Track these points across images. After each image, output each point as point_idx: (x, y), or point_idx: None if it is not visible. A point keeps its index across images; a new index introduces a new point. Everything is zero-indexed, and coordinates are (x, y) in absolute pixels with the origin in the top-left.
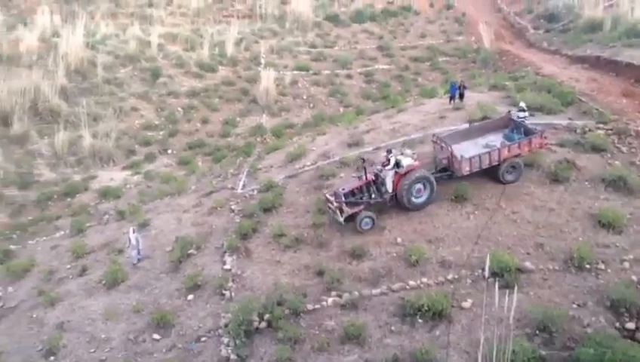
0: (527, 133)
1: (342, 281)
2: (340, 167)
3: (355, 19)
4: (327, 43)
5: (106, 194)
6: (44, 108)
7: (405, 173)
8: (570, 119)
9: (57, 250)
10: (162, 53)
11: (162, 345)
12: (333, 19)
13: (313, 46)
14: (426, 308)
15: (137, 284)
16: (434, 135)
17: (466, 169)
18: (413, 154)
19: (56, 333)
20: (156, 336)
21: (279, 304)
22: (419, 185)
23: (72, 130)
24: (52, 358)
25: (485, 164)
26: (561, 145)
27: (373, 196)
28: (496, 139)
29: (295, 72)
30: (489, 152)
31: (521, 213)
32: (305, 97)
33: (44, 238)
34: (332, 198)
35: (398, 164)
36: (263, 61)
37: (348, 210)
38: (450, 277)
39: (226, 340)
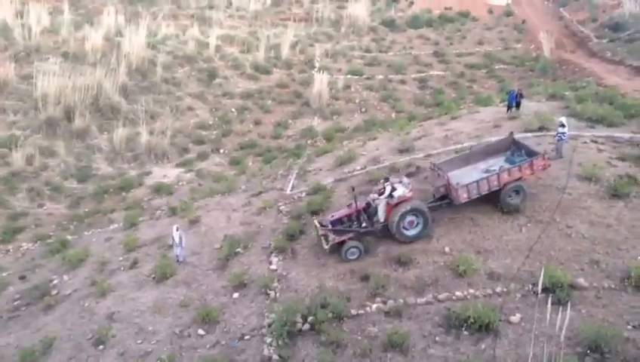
0: (531, 154)
1: (387, 288)
2: (389, 173)
3: (411, 25)
4: (382, 48)
5: (159, 190)
6: (105, 104)
7: (397, 204)
8: (633, 132)
9: (111, 242)
10: (219, 55)
11: (206, 341)
12: (390, 24)
13: (368, 50)
14: (473, 320)
15: (185, 280)
16: (431, 162)
17: (463, 196)
18: (409, 183)
19: (106, 323)
20: (201, 332)
21: (323, 307)
22: (411, 217)
23: (130, 127)
24: (101, 347)
25: (484, 190)
26: (622, 159)
27: (363, 225)
28: (497, 163)
29: (349, 76)
30: (487, 178)
31: (576, 228)
32: (357, 101)
33: (99, 230)
34: (318, 226)
35: (391, 194)
36: (317, 64)
37: (334, 238)
38: (498, 289)
39: (268, 340)
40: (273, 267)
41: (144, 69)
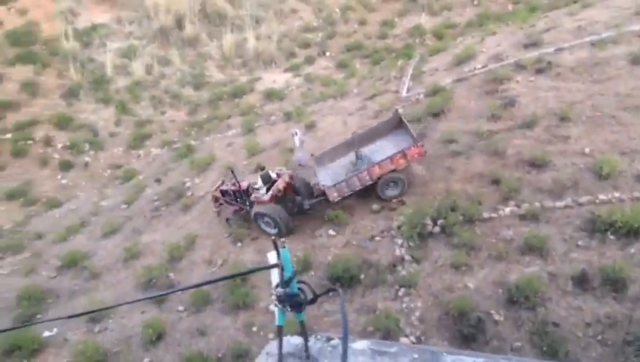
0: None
1: (520, 191)
2: (515, 70)
3: None
4: None
5: (270, 95)
6: (212, 11)
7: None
8: None
9: (232, 147)
10: None
11: (337, 241)
12: None
13: None
14: (620, 224)
15: None
16: (313, 154)
17: (333, 195)
18: (272, 185)
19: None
20: (332, 232)
21: (453, 210)
22: (267, 219)
23: (238, 33)
24: (239, 244)
25: (357, 187)
26: None
27: (246, 204)
28: (386, 146)
29: None
30: (357, 175)
31: None
32: None
33: (219, 135)
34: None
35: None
36: None
37: (226, 206)
38: None
39: (399, 241)
40: None
41: None
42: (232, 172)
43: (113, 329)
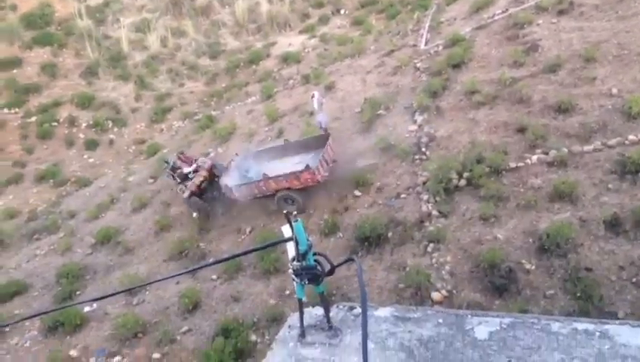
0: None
1: (546, 138)
2: (536, 13)
3: None
4: None
5: (286, 59)
6: None
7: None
8: None
9: (253, 114)
10: None
11: (363, 201)
12: None
13: None
14: None
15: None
16: (236, 154)
17: (234, 195)
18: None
19: None
20: (357, 193)
21: (478, 162)
22: None
23: None
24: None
25: (255, 194)
26: None
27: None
28: (305, 160)
29: None
30: (255, 183)
31: None
32: None
33: (239, 103)
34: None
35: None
36: None
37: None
38: None
39: (425, 197)
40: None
41: None
42: (167, 162)
43: (150, 301)
